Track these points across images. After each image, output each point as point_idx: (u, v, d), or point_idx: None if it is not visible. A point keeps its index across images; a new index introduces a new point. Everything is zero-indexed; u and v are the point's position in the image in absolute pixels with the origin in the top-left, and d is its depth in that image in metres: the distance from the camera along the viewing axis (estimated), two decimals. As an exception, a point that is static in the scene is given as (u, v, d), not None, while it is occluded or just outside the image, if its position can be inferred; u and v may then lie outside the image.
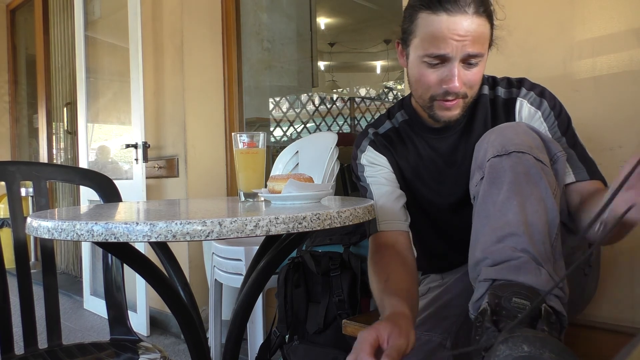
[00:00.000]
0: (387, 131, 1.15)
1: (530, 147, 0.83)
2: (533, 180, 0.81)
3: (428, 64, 0.94)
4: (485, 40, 0.94)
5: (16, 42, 4.84)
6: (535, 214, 0.79)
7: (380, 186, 1.11)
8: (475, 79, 0.96)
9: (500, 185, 0.82)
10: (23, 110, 4.89)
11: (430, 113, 1.01)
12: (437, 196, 1.10)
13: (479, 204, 0.86)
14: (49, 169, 1.41)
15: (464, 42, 0.90)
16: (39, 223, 0.76)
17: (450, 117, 0.99)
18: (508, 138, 0.85)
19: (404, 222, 1.08)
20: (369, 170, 1.13)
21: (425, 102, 1.00)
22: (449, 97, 0.95)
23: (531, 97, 1.01)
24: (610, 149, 1.28)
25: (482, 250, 0.81)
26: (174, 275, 1.23)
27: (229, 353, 1.09)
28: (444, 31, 0.90)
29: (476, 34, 0.90)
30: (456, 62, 0.92)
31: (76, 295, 3.46)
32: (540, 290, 0.74)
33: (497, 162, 0.84)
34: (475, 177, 0.89)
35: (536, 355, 0.58)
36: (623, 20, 1.26)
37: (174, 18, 2.62)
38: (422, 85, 0.98)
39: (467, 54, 0.91)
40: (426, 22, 0.92)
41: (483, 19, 0.92)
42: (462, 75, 0.93)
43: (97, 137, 3.20)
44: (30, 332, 1.23)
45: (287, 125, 5.03)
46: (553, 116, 0.99)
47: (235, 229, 0.70)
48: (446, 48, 0.90)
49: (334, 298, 1.53)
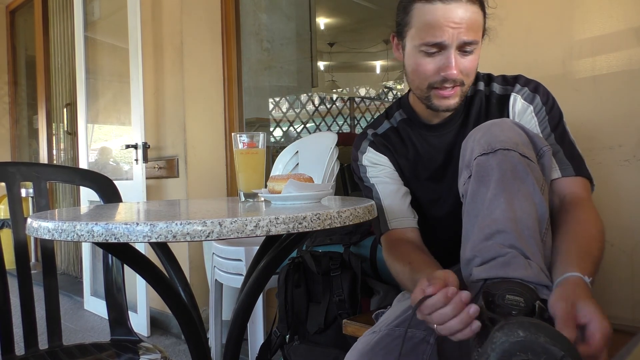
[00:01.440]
0: (386, 131, 1.15)
1: (516, 144, 0.84)
2: (520, 177, 0.82)
3: (425, 53, 0.96)
4: (479, 27, 0.96)
5: (16, 43, 4.84)
6: (523, 210, 0.80)
7: (386, 185, 1.11)
8: (471, 66, 0.98)
9: (487, 183, 0.83)
10: (23, 111, 4.89)
11: (428, 103, 1.02)
12: (435, 194, 1.11)
13: (468, 203, 0.87)
14: (49, 170, 1.41)
15: (459, 30, 0.92)
16: (39, 224, 0.76)
17: (449, 105, 1.00)
18: (494, 135, 0.85)
19: (413, 219, 1.09)
20: (371, 171, 1.14)
21: (423, 92, 1.01)
22: (446, 84, 0.97)
23: (525, 93, 1.02)
24: (610, 148, 1.28)
25: (472, 248, 0.82)
26: (174, 276, 1.23)
27: (229, 353, 1.09)
28: (439, 19, 0.92)
29: (470, 21, 0.93)
30: (452, 50, 0.94)
31: (76, 295, 3.46)
32: (532, 283, 0.75)
33: (483, 160, 0.84)
34: (463, 175, 0.90)
35: (532, 339, 0.60)
36: (622, 20, 1.26)
37: (174, 18, 2.62)
38: (420, 75, 0.99)
39: (463, 42, 0.93)
40: (421, 11, 0.94)
41: (476, 7, 0.94)
42: (458, 63, 0.95)
43: (97, 138, 3.21)
44: (30, 333, 1.23)
45: (287, 125, 5.03)
46: (544, 111, 1.00)
47: (235, 229, 0.70)
48: (442, 36, 0.92)
49: (334, 298, 1.53)
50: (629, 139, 1.26)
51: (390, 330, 0.94)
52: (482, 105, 1.06)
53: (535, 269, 0.76)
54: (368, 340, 0.93)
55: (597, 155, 0.97)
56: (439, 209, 1.12)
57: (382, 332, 0.94)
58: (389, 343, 0.91)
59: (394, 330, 0.94)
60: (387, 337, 0.92)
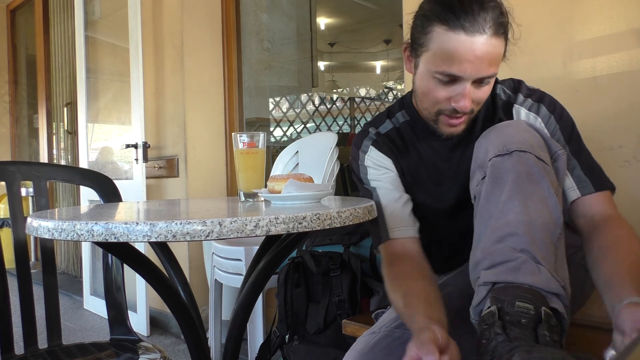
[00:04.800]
0: (388, 131, 1.11)
1: (531, 146, 0.83)
2: (535, 180, 0.80)
3: (439, 80, 0.91)
4: (500, 60, 0.91)
5: (16, 42, 4.84)
6: (538, 213, 0.79)
7: (387, 191, 1.07)
8: (484, 97, 0.94)
9: (502, 185, 0.81)
10: (23, 111, 4.89)
11: (434, 126, 0.99)
12: (436, 198, 1.09)
13: (481, 205, 0.85)
14: (49, 169, 1.41)
15: (480, 65, 0.87)
16: (39, 223, 0.76)
17: (454, 132, 0.98)
18: (509, 136, 0.84)
19: (413, 227, 1.05)
20: (373, 173, 1.09)
21: (431, 114, 0.98)
22: (456, 114, 0.94)
23: (528, 104, 0.99)
24: (610, 149, 1.28)
25: (482, 250, 0.81)
26: (174, 275, 1.23)
27: (229, 353, 1.09)
28: (460, 51, 0.86)
29: (492, 56, 0.87)
30: (468, 83, 0.89)
31: (76, 295, 3.46)
32: (541, 290, 0.73)
33: (499, 161, 0.83)
34: (476, 176, 0.88)
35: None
36: (623, 21, 1.26)
37: (174, 18, 2.62)
38: (430, 100, 0.95)
39: (481, 77, 0.89)
40: (442, 38, 0.88)
41: (500, 40, 0.88)
42: (472, 95, 0.91)
43: (97, 137, 3.21)
44: (30, 332, 1.23)
45: (287, 125, 5.04)
46: (554, 120, 0.97)
47: (235, 229, 0.70)
48: (460, 69, 0.87)
49: (334, 298, 1.53)
50: (629, 140, 1.26)
51: (390, 332, 0.94)
52: (489, 110, 1.03)
53: (545, 274, 0.74)
54: (367, 340, 0.93)
55: (597, 156, 0.97)
56: (440, 212, 1.10)
57: (381, 333, 0.94)
58: (389, 344, 0.91)
59: (393, 331, 0.93)
60: (386, 338, 0.92)
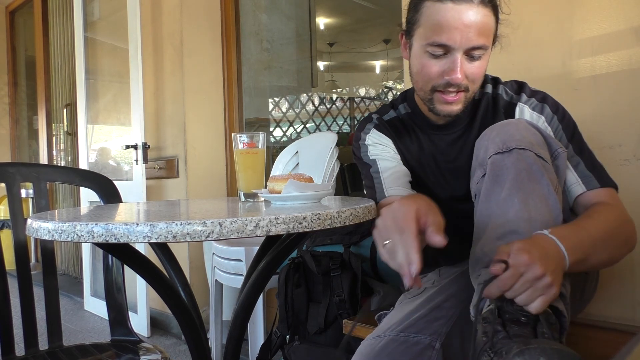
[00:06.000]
0: (391, 119, 1.14)
1: (531, 144, 0.83)
2: (535, 178, 0.81)
3: (431, 54, 0.94)
4: (490, 32, 0.93)
5: (15, 43, 4.84)
6: (538, 211, 0.79)
7: (387, 161, 1.10)
8: (478, 73, 0.95)
9: (502, 182, 0.82)
10: (23, 112, 4.89)
11: (431, 106, 1.00)
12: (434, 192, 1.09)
13: (482, 202, 0.85)
14: (49, 171, 1.41)
15: (468, 33, 0.89)
16: (39, 224, 0.76)
17: (451, 111, 0.98)
18: (509, 134, 0.84)
19: (410, 192, 1.06)
20: (373, 150, 1.12)
21: (426, 94, 0.99)
22: (450, 89, 0.95)
23: (532, 103, 1.00)
24: (610, 148, 1.28)
25: (482, 247, 0.81)
26: (175, 276, 1.23)
27: (229, 353, 1.09)
28: (448, 19, 0.89)
29: (481, 24, 0.90)
30: (459, 54, 0.91)
31: (77, 296, 3.46)
32: None
33: (499, 159, 0.83)
34: (477, 174, 0.89)
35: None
36: (622, 19, 1.26)
37: (174, 19, 2.62)
38: (424, 77, 0.97)
39: (471, 46, 0.91)
40: (431, 10, 0.91)
41: (488, 10, 0.91)
42: (464, 68, 0.93)
43: (97, 138, 3.20)
44: (30, 334, 1.23)
45: (287, 126, 5.03)
46: (557, 120, 0.97)
47: (235, 229, 0.70)
48: (450, 37, 0.90)
49: (334, 298, 1.53)
50: (629, 138, 1.26)
51: (396, 336, 0.92)
52: (489, 109, 1.04)
53: None
54: (373, 345, 0.92)
55: (596, 154, 0.97)
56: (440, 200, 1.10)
57: (386, 337, 0.92)
58: (395, 349, 0.89)
59: (399, 335, 0.92)
60: (392, 343, 0.91)
